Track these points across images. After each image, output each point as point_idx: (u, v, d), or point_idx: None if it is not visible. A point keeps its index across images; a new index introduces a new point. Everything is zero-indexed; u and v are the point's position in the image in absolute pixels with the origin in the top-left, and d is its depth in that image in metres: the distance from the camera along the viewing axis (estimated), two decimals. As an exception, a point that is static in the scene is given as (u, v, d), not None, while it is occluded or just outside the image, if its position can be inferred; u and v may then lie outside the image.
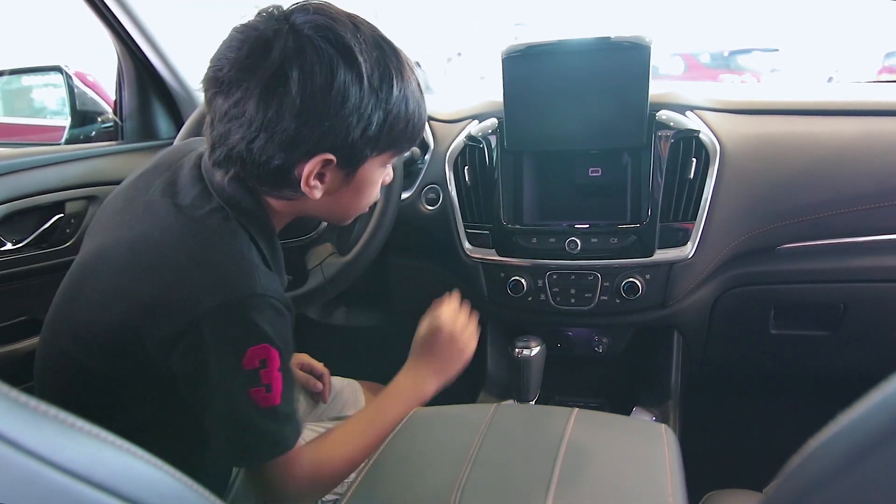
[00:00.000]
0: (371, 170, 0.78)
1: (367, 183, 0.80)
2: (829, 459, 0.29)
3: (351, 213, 0.86)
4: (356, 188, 0.79)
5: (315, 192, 0.75)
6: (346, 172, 0.76)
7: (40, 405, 0.29)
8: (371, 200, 0.85)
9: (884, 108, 1.21)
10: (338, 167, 0.74)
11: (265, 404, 0.71)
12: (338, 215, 0.86)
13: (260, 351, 0.70)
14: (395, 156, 0.81)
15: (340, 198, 0.80)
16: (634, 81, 1.10)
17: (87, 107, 1.59)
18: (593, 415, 0.92)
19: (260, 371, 0.70)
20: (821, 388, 1.25)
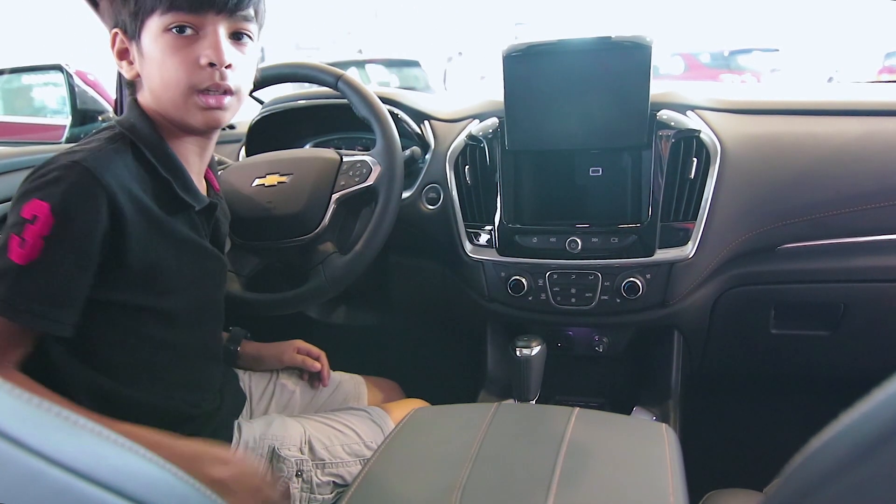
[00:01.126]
0: (153, 36, 0.81)
1: (156, 52, 0.81)
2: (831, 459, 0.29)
3: (163, 93, 0.83)
4: (150, 60, 0.82)
5: (125, 71, 0.84)
6: (136, 45, 0.82)
7: (42, 403, 0.29)
8: (173, 76, 0.81)
9: (884, 107, 1.21)
10: (130, 40, 0.83)
11: (22, 260, 0.73)
12: (161, 101, 0.84)
13: (38, 207, 0.73)
14: (171, 11, 0.79)
15: (148, 76, 0.83)
16: (635, 81, 1.10)
17: (88, 106, 1.59)
18: (594, 414, 0.92)
19: (26, 224, 0.73)
20: (821, 387, 1.25)
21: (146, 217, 0.82)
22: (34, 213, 0.73)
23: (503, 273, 1.23)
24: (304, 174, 1.19)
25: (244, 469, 0.81)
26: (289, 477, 0.99)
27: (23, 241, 0.73)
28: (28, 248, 0.73)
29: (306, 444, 1.02)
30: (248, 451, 0.98)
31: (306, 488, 1.00)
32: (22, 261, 0.73)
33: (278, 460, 0.99)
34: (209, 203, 0.92)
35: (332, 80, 1.18)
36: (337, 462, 1.03)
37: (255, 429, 1.01)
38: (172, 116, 0.84)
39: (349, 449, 1.05)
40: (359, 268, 1.13)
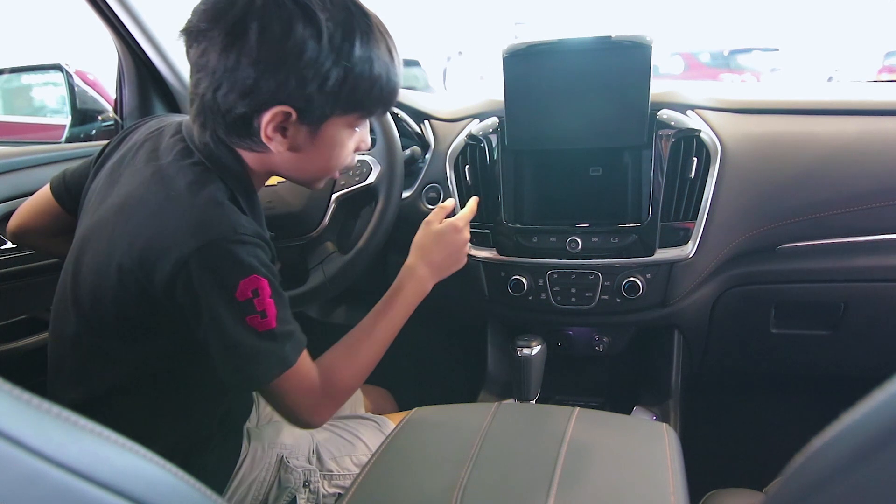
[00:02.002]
0: (336, 130, 0.80)
1: (333, 143, 0.82)
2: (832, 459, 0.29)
3: (318, 173, 0.86)
4: (321, 147, 0.81)
5: (275, 144, 0.78)
6: (309, 129, 0.79)
7: (43, 403, 0.29)
8: (339, 163, 0.85)
9: (884, 107, 1.21)
10: (299, 122, 0.77)
11: (263, 329, 0.75)
12: (306, 174, 0.87)
13: (249, 283, 0.74)
14: (362, 118, 0.82)
15: (306, 156, 0.82)
16: (635, 80, 1.10)
17: (88, 105, 1.59)
18: (594, 414, 0.92)
19: (253, 301, 0.74)
20: (821, 387, 1.25)
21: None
22: (252, 289, 0.74)
23: (503, 273, 1.23)
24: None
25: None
26: (296, 488, 0.98)
27: (263, 313, 0.75)
28: (270, 314, 0.76)
29: (314, 453, 1.02)
30: (256, 460, 0.98)
31: (313, 499, 1.00)
32: (276, 322, 0.76)
33: (286, 470, 0.98)
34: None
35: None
36: (344, 474, 1.03)
37: (264, 436, 1.01)
38: (298, 181, 0.89)
39: (357, 461, 1.05)
40: (359, 267, 1.13)
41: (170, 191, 0.77)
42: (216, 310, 0.73)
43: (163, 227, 0.75)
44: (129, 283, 0.76)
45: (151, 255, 0.74)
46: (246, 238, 0.75)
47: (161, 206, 0.77)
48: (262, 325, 0.75)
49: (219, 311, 0.73)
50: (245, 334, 0.74)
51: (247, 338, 0.74)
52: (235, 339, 0.74)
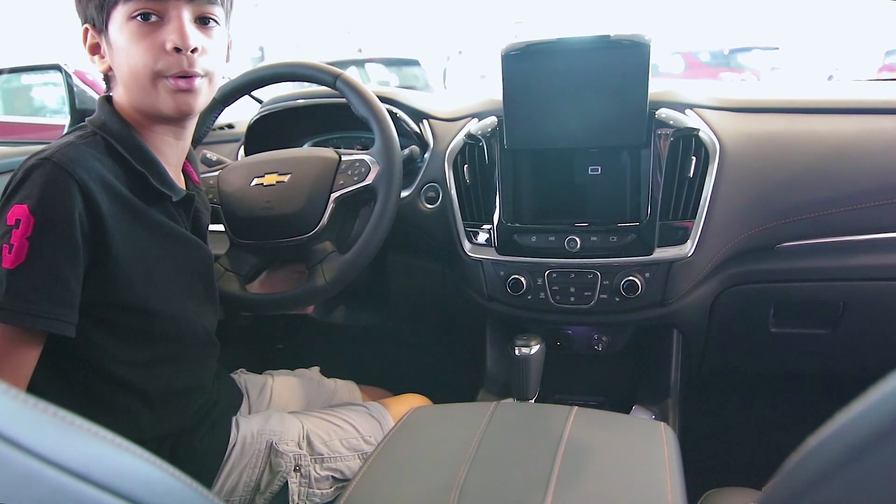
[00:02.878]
0: (119, 26, 0.81)
1: (123, 41, 0.82)
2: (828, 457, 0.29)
3: (130, 81, 0.83)
4: (117, 51, 0.83)
5: (98, 65, 0.85)
6: (104, 37, 0.83)
7: (39, 403, 0.29)
8: (138, 60, 0.81)
9: (884, 106, 1.21)
10: (97, 33, 0.84)
11: (11, 264, 0.74)
12: (129, 90, 0.84)
13: (17, 211, 0.74)
14: (128, 2, 0.80)
15: (116, 68, 0.84)
16: (634, 80, 1.10)
17: (87, 105, 1.59)
18: (593, 413, 0.92)
19: (11, 230, 0.74)
20: (820, 386, 1.25)
21: (123, 207, 0.82)
22: (16, 218, 0.74)
23: (502, 272, 1.23)
24: (303, 173, 1.19)
25: None
26: (287, 472, 0.99)
27: (10, 247, 0.73)
28: (15, 252, 0.73)
29: (304, 438, 1.02)
30: (246, 447, 0.98)
31: (305, 483, 1.00)
32: (11, 265, 0.73)
33: (276, 455, 0.99)
34: (186, 194, 0.93)
35: (331, 79, 1.18)
36: (335, 457, 1.03)
37: (253, 424, 1.01)
38: (143, 105, 0.85)
39: (347, 444, 1.05)
40: (358, 267, 1.13)
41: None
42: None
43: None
44: None
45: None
46: (54, 168, 0.75)
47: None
48: (4, 261, 0.74)
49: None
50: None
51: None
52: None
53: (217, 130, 1.60)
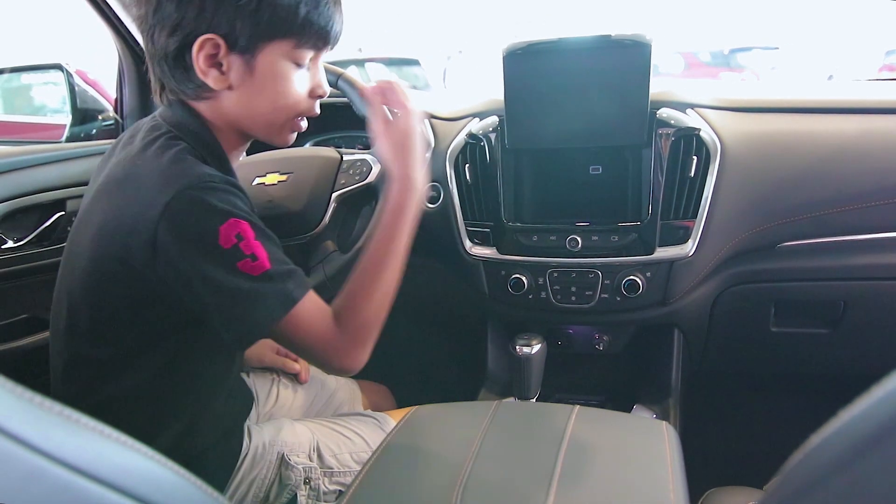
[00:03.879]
0: (272, 60, 0.78)
1: (274, 76, 0.79)
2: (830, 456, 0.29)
3: (268, 114, 0.83)
4: (261, 81, 0.79)
5: (212, 79, 0.77)
6: (243, 60, 0.78)
7: (44, 401, 0.29)
8: (287, 102, 0.82)
9: (884, 105, 1.21)
10: (231, 52, 0.77)
11: (258, 272, 0.73)
12: (258, 118, 0.83)
13: (230, 227, 0.72)
14: (298, 48, 0.79)
15: (249, 93, 0.80)
16: (635, 79, 1.10)
17: (88, 105, 1.59)
18: (594, 412, 0.92)
19: (239, 245, 0.72)
20: (821, 385, 1.25)
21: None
22: (235, 232, 0.72)
23: (503, 271, 1.23)
24: (305, 173, 1.19)
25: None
26: (296, 485, 0.98)
27: (254, 257, 0.72)
28: (260, 256, 0.73)
29: (315, 450, 1.02)
30: (257, 457, 0.98)
31: (313, 496, 1.00)
32: (267, 266, 0.73)
33: (287, 468, 0.98)
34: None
35: (332, 78, 1.18)
36: (345, 471, 1.03)
37: (265, 434, 1.01)
38: (257, 132, 0.85)
39: (357, 457, 1.05)
40: (359, 266, 1.13)
41: (136, 162, 0.77)
42: (202, 267, 0.71)
43: (131, 195, 0.74)
44: (110, 265, 0.75)
45: (125, 228, 0.73)
46: (215, 185, 0.73)
47: (129, 178, 0.76)
48: (255, 269, 0.72)
49: (206, 267, 0.71)
50: (240, 281, 0.72)
51: (243, 283, 0.72)
52: (231, 289, 0.71)
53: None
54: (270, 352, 1.21)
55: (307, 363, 1.24)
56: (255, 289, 0.72)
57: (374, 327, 0.82)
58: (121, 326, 0.80)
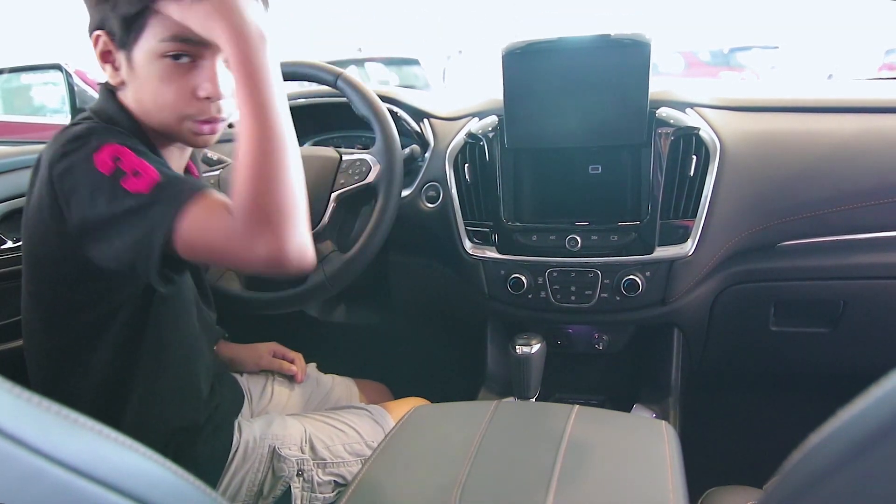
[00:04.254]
0: (145, 57, 0.76)
1: (147, 73, 0.77)
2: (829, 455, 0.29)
3: (153, 113, 0.79)
4: (140, 78, 0.78)
5: (108, 74, 0.79)
6: (125, 55, 0.77)
7: (42, 401, 0.29)
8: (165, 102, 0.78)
9: (884, 104, 1.21)
10: (116, 47, 0.77)
11: (146, 186, 0.69)
12: (150, 116, 0.80)
13: (105, 152, 0.71)
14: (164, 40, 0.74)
15: (136, 91, 0.80)
16: (634, 79, 1.10)
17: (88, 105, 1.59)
18: (594, 412, 0.92)
19: (119, 166, 0.70)
20: (821, 384, 1.25)
21: None
22: (112, 156, 0.70)
23: (503, 271, 1.23)
24: (304, 172, 1.19)
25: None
26: (290, 477, 0.99)
27: (136, 173, 0.70)
28: (144, 170, 0.70)
29: (307, 443, 1.02)
30: (248, 452, 0.98)
31: (307, 487, 1.00)
32: (155, 177, 0.70)
33: (279, 460, 0.99)
34: None
35: (332, 78, 1.18)
36: (338, 461, 1.03)
37: (256, 429, 1.01)
38: (163, 132, 0.82)
39: (350, 448, 1.05)
40: (359, 266, 1.13)
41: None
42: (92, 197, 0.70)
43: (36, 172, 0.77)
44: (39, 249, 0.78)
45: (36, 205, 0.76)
46: (93, 125, 0.75)
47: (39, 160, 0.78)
48: (142, 182, 0.69)
49: (95, 196, 0.69)
50: (128, 197, 0.69)
51: (130, 199, 0.69)
52: (122, 208, 0.68)
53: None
54: (267, 355, 1.21)
55: (303, 364, 1.24)
56: (144, 201, 0.69)
57: (278, 205, 0.69)
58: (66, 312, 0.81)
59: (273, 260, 0.68)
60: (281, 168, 0.70)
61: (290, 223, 0.69)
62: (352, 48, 8.09)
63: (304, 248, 0.70)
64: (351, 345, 1.64)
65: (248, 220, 0.68)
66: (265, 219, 0.68)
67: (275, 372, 1.22)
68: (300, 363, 1.24)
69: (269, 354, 1.22)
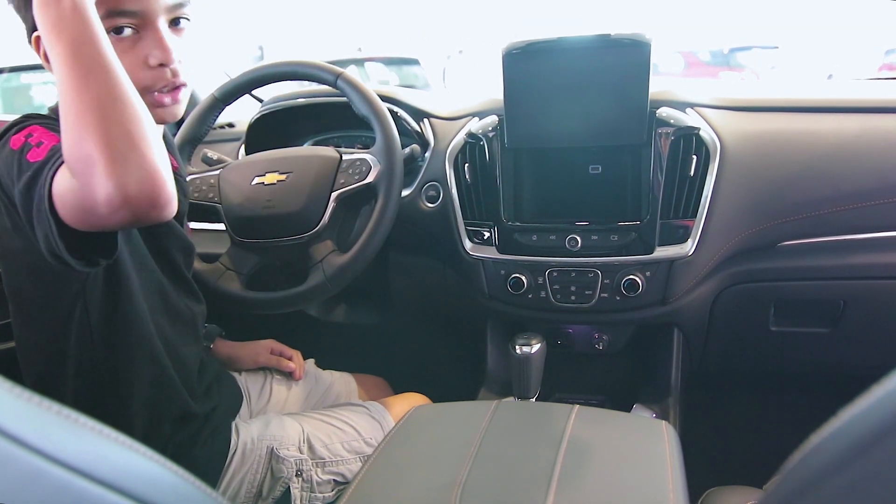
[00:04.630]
0: None
1: None
2: (830, 455, 0.29)
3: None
4: None
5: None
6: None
7: (43, 401, 0.29)
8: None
9: (884, 104, 1.21)
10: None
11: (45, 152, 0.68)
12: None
13: (21, 132, 0.71)
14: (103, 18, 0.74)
15: None
16: (634, 79, 1.10)
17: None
18: (594, 412, 0.92)
19: (28, 141, 0.70)
20: (821, 384, 1.25)
21: None
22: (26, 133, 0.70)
23: (503, 271, 1.23)
24: (304, 172, 1.19)
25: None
26: (289, 477, 0.99)
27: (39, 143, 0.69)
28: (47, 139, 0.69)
29: (305, 442, 1.02)
30: (246, 453, 0.98)
31: (307, 487, 1.00)
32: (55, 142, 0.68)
33: (277, 461, 0.98)
34: None
35: (332, 78, 1.18)
36: (337, 460, 1.03)
37: (253, 430, 1.01)
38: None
39: (349, 446, 1.05)
40: (359, 266, 1.13)
41: None
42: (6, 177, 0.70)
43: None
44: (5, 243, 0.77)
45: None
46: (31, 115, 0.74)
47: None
48: (42, 150, 0.68)
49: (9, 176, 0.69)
50: (30, 167, 0.67)
51: (31, 168, 0.67)
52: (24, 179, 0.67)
53: (218, 129, 1.60)
54: (265, 352, 1.21)
55: (301, 361, 1.24)
56: (38, 167, 0.67)
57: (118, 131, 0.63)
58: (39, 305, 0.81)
59: (113, 200, 0.62)
60: (111, 97, 0.64)
61: (115, 156, 0.62)
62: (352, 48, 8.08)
63: (146, 181, 0.63)
64: (350, 343, 1.64)
65: (74, 164, 0.63)
66: (87, 158, 0.62)
67: (273, 370, 1.21)
68: (298, 360, 1.24)
69: (266, 351, 1.22)
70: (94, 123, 0.62)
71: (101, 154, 0.61)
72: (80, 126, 0.62)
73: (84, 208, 0.64)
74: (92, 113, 0.62)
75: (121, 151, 0.62)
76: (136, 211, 0.63)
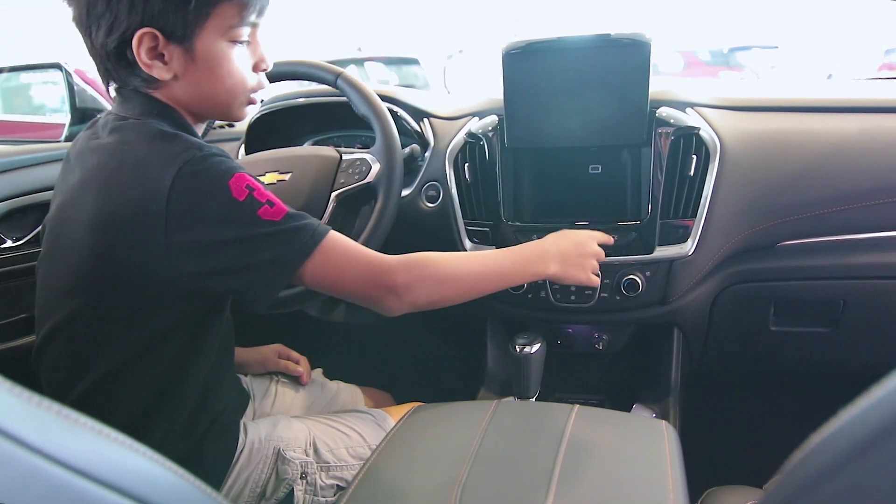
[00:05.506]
0: (211, 44, 0.79)
1: (215, 60, 0.80)
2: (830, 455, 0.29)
3: (216, 97, 0.84)
4: (206, 68, 0.80)
5: (157, 71, 0.78)
6: (182, 49, 0.78)
7: (43, 401, 0.29)
8: (235, 82, 0.83)
9: (884, 104, 1.21)
10: (169, 42, 0.77)
11: (280, 216, 0.76)
12: (207, 102, 0.84)
13: (238, 181, 0.74)
14: (235, 27, 0.80)
15: (198, 80, 0.81)
16: (634, 78, 1.10)
17: (87, 104, 1.59)
18: (594, 411, 0.92)
19: (252, 194, 0.74)
20: (821, 384, 1.25)
21: None
22: (246, 184, 0.74)
23: (503, 271, 1.23)
24: (304, 172, 1.19)
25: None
26: (293, 479, 0.99)
27: (271, 203, 0.75)
28: (276, 201, 0.76)
29: (311, 445, 1.02)
30: (253, 452, 0.98)
31: (310, 490, 1.00)
32: (285, 209, 0.77)
33: (283, 462, 0.98)
34: None
35: (332, 77, 1.18)
36: (341, 465, 1.03)
37: (261, 429, 1.01)
38: (215, 113, 0.87)
39: (353, 452, 1.05)
40: (359, 266, 1.13)
41: (124, 149, 0.77)
42: (223, 227, 0.73)
43: (131, 180, 0.74)
44: (115, 254, 0.75)
45: (129, 211, 0.73)
46: (212, 150, 0.76)
47: (122, 165, 0.76)
48: (276, 213, 0.75)
49: (227, 227, 0.73)
50: (265, 227, 0.74)
51: (269, 228, 0.74)
52: (258, 236, 0.74)
53: (217, 129, 1.60)
54: (273, 357, 1.21)
55: (308, 366, 1.24)
56: (283, 229, 0.75)
57: (443, 274, 0.90)
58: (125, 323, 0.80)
59: (397, 310, 0.87)
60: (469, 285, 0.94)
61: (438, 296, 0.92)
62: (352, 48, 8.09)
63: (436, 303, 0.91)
64: (350, 345, 1.64)
65: (418, 274, 0.87)
66: (427, 279, 0.89)
67: (279, 373, 1.21)
68: (305, 364, 1.24)
69: (274, 356, 1.22)
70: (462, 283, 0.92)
71: (434, 280, 0.90)
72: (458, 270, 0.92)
73: (364, 297, 0.85)
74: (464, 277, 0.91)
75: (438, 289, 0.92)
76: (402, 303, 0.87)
